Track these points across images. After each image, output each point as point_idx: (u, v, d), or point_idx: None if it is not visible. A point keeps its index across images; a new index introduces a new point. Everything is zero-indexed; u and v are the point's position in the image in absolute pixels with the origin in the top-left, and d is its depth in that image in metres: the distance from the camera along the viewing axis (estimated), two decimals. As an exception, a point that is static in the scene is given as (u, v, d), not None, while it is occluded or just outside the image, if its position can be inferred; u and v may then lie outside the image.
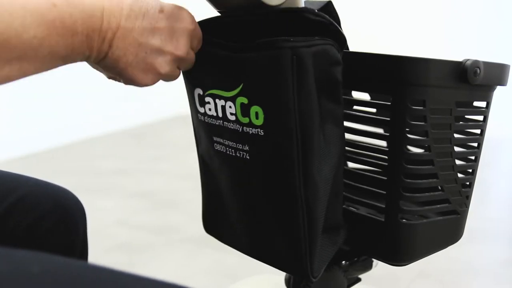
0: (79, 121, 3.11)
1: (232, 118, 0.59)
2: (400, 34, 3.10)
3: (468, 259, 1.53)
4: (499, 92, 0.68)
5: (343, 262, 0.74)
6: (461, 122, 0.65)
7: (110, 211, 2.00)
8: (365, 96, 0.68)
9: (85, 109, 3.13)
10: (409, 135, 0.59)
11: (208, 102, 0.62)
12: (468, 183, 0.67)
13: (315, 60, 0.54)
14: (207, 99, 0.62)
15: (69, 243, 0.66)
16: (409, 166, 0.60)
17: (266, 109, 0.56)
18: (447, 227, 0.67)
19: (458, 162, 0.64)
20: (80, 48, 0.47)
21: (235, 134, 0.60)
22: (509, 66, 0.67)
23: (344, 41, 0.56)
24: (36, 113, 2.83)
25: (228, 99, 0.59)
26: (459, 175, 0.65)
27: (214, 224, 0.73)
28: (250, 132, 0.58)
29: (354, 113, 0.65)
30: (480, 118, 0.66)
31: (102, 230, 1.81)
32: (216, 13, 0.62)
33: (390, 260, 0.66)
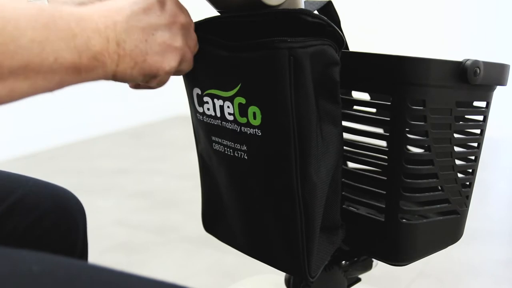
0: (79, 121, 3.12)
1: (230, 118, 0.59)
2: (400, 34, 3.10)
3: (468, 259, 1.54)
4: (499, 92, 0.68)
5: (343, 262, 0.74)
6: (461, 122, 0.65)
7: (109, 211, 2.00)
8: (365, 96, 0.68)
9: (85, 109, 3.13)
10: (409, 135, 0.59)
11: (206, 102, 0.62)
12: (468, 183, 0.67)
13: (312, 60, 0.54)
14: (205, 98, 0.62)
15: (69, 243, 0.67)
16: (409, 166, 0.60)
17: (264, 110, 0.56)
18: (447, 227, 0.67)
19: (458, 162, 0.64)
20: (86, 52, 0.43)
21: (233, 134, 0.60)
22: (509, 66, 0.67)
23: (342, 41, 0.56)
24: (36, 113, 2.83)
25: (226, 99, 0.59)
26: (459, 175, 0.65)
27: (213, 222, 0.74)
28: (248, 132, 0.58)
29: (354, 113, 0.65)
30: (480, 118, 0.66)
31: (101, 230, 1.81)
32: (216, 13, 0.62)
33: (390, 260, 0.66)
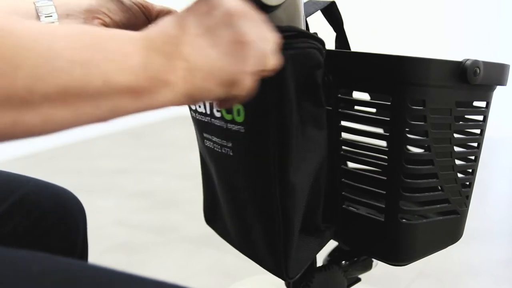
0: (78, 121, 3.11)
1: (218, 114, 0.61)
2: (400, 34, 3.10)
3: (468, 259, 1.53)
4: (499, 92, 0.68)
5: (343, 262, 0.74)
6: (461, 122, 0.65)
7: (109, 211, 2.00)
8: (365, 96, 0.68)
9: (84, 109, 3.13)
10: (409, 135, 0.59)
11: None
12: (468, 183, 0.67)
13: (293, 62, 0.53)
14: None
15: (69, 243, 0.67)
16: (409, 166, 0.60)
17: (246, 107, 0.57)
18: (447, 227, 0.67)
19: (458, 162, 0.64)
20: (143, 72, 0.37)
21: (221, 130, 0.61)
22: (509, 66, 0.67)
23: (322, 44, 0.55)
24: (35, 113, 2.83)
25: None
26: (459, 175, 0.65)
27: (211, 216, 0.76)
28: (233, 129, 0.59)
29: (354, 113, 0.65)
30: (480, 118, 0.66)
31: (102, 230, 1.81)
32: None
33: (390, 260, 0.66)
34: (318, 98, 0.57)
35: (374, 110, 0.72)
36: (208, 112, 0.62)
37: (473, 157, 0.67)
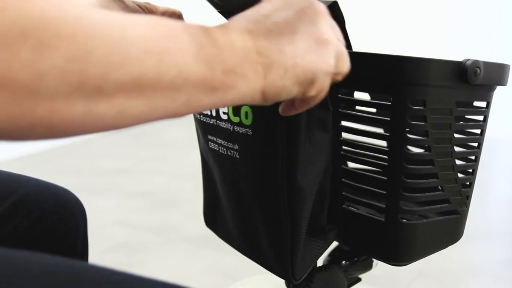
0: (78, 121, 3.11)
1: (225, 117, 0.60)
2: (400, 34, 3.10)
3: (468, 259, 1.54)
4: (499, 92, 0.68)
5: (343, 262, 0.74)
6: (461, 122, 0.65)
7: (109, 211, 2.00)
8: (365, 96, 0.68)
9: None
10: (409, 135, 0.59)
11: None
12: (468, 183, 0.67)
13: None
14: None
15: (69, 243, 0.67)
16: (409, 166, 0.60)
17: (254, 110, 0.57)
18: (447, 227, 0.67)
19: (458, 162, 0.64)
20: (220, 65, 0.35)
21: (227, 133, 0.61)
22: (509, 66, 0.67)
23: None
24: (35, 113, 2.83)
25: None
26: (459, 175, 0.65)
27: (212, 218, 0.75)
28: (240, 132, 0.59)
29: (354, 113, 0.65)
30: (480, 118, 0.66)
31: (102, 230, 1.81)
32: (216, 13, 0.62)
33: (390, 260, 0.66)
34: (325, 100, 0.57)
35: (374, 110, 0.72)
36: (214, 114, 0.62)
37: (473, 157, 0.67)
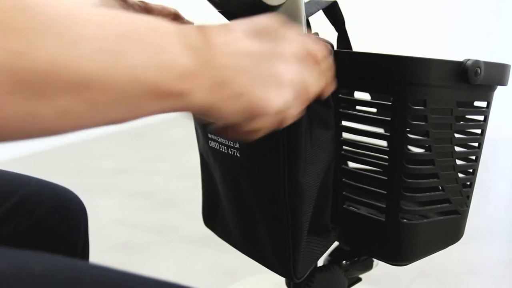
0: (78, 121, 3.11)
1: None
2: (401, 34, 3.10)
3: (468, 259, 1.54)
4: (499, 92, 0.68)
5: (344, 262, 0.74)
6: (461, 122, 0.65)
7: (109, 210, 2.00)
8: (366, 96, 0.68)
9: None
10: (409, 135, 0.59)
11: None
12: (468, 183, 0.67)
13: None
14: None
15: (71, 243, 0.67)
16: (409, 166, 0.60)
17: None
18: (447, 227, 0.67)
19: (458, 162, 0.64)
20: (172, 71, 0.34)
21: None
22: (509, 66, 0.67)
23: (331, 46, 0.56)
24: (35, 113, 2.83)
25: None
26: (460, 175, 0.65)
27: (211, 218, 0.75)
28: None
29: (354, 113, 0.65)
30: (481, 118, 0.66)
31: (102, 230, 1.81)
32: (216, 13, 0.62)
33: (390, 260, 0.66)
34: (326, 98, 0.57)
35: (374, 110, 0.72)
36: None
37: (474, 157, 0.67)
